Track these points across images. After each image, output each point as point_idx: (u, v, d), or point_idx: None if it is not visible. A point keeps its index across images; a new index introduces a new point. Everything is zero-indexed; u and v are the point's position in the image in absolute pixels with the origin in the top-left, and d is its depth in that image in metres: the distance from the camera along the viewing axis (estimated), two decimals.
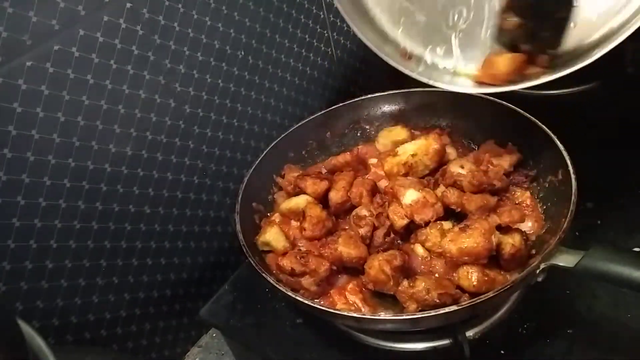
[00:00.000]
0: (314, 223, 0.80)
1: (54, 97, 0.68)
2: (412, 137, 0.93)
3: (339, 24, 1.12)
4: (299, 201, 0.84)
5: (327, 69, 1.13)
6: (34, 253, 0.72)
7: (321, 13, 1.06)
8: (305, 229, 0.80)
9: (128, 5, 0.73)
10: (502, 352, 0.73)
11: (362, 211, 0.79)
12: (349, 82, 1.20)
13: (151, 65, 0.79)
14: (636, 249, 0.79)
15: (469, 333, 0.73)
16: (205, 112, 0.90)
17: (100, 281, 0.81)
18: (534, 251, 0.74)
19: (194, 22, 0.83)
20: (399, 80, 0.89)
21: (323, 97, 1.14)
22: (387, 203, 0.80)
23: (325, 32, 1.09)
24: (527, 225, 0.78)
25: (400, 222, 0.76)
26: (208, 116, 0.90)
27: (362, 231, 0.76)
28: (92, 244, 0.78)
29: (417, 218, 0.75)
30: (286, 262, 0.74)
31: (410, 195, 0.77)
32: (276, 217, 0.87)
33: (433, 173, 0.85)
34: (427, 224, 0.75)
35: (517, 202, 0.81)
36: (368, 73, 1.24)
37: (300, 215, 0.83)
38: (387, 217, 0.78)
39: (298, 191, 0.86)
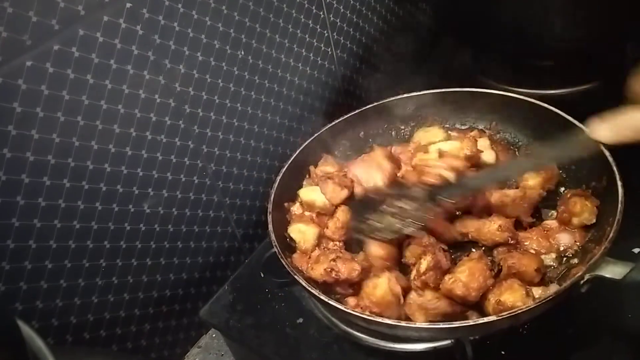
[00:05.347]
0: (338, 227, 0.81)
1: (53, 97, 0.68)
2: (449, 139, 0.91)
3: (339, 24, 1.12)
4: (317, 198, 0.84)
5: (327, 68, 1.13)
6: (33, 253, 0.71)
7: (321, 13, 1.06)
8: (328, 227, 0.82)
9: (128, 5, 0.73)
10: (503, 352, 0.73)
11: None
12: (349, 81, 1.20)
13: (151, 65, 0.78)
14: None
15: None
16: (205, 112, 0.90)
17: (100, 281, 0.81)
18: (576, 260, 0.74)
19: (193, 22, 0.83)
20: (400, 80, 0.89)
21: (323, 96, 1.14)
22: None
23: (325, 32, 1.09)
24: (566, 238, 0.77)
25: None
26: (208, 116, 0.90)
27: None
28: (91, 244, 0.78)
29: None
30: (317, 275, 0.74)
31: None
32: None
33: None
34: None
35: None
36: (368, 73, 1.23)
37: (313, 209, 0.84)
38: None
39: None
